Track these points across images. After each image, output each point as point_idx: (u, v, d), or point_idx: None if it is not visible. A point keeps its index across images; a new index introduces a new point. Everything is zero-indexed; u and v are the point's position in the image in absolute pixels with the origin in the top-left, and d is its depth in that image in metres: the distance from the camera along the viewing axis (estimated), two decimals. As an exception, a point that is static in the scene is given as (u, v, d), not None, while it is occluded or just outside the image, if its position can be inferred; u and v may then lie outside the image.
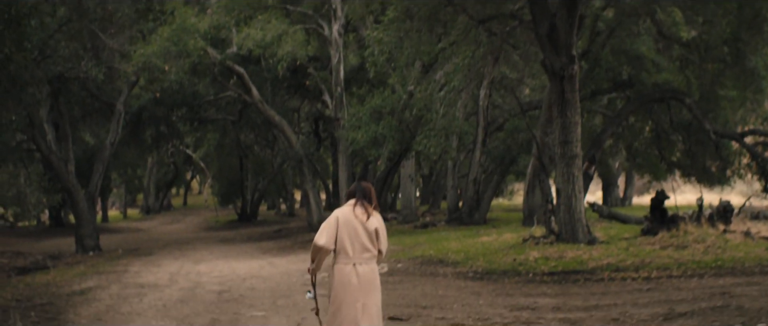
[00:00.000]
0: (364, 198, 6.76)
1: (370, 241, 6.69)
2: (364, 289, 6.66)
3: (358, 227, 6.63)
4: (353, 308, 6.58)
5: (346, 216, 6.66)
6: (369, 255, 6.71)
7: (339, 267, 6.66)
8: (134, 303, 11.66)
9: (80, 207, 26.24)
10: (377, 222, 6.76)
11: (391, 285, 13.17)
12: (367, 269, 6.69)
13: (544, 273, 13.80)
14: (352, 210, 6.69)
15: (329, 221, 6.69)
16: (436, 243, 19.45)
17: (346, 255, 6.63)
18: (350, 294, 6.59)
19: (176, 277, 15.97)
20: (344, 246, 6.61)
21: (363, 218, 6.66)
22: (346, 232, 6.61)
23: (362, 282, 6.63)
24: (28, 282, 15.69)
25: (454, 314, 10.04)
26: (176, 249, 26.00)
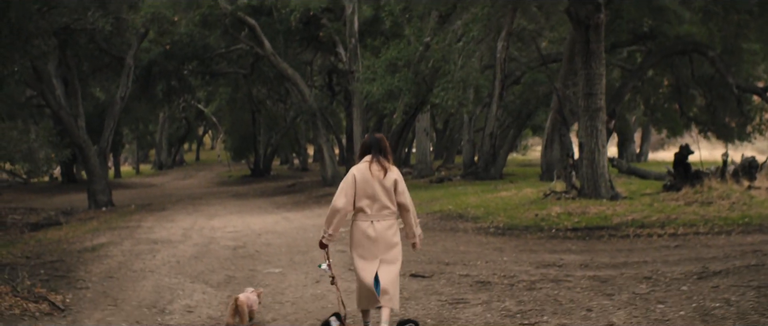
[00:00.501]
0: (379, 153, 6.59)
1: (389, 198, 6.55)
2: (382, 245, 6.56)
3: (376, 185, 6.49)
4: (371, 263, 6.51)
5: (363, 175, 6.51)
6: (388, 212, 6.57)
7: (357, 224, 6.57)
8: (147, 259, 11.31)
9: (92, 163, 25.96)
10: (395, 176, 6.61)
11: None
12: (385, 225, 6.56)
13: (568, 229, 13.39)
14: (369, 167, 6.53)
15: (347, 181, 6.55)
16: (454, 197, 19.04)
17: (364, 214, 6.52)
18: (367, 248, 6.52)
19: (190, 233, 15.65)
20: (362, 205, 6.50)
21: (380, 175, 6.50)
22: (363, 192, 6.48)
23: (380, 237, 6.52)
24: (39, 239, 15.41)
25: (479, 271, 9.63)
26: (189, 205, 25.74)
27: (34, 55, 17.40)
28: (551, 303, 7.69)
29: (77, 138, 25.42)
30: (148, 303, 8.20)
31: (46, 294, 8.10)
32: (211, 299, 8.42)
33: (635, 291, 8.12)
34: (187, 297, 8.47)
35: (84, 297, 8.45)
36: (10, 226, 24.17)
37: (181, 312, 7.77)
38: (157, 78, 32.14)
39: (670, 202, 15.54)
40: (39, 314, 7.49)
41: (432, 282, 9.05)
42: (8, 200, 31.77)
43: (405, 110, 25.26)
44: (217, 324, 7.35)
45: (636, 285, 8.47)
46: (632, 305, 7.48)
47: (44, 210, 27.11)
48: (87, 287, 8.98)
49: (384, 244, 6.57)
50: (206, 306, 8.05)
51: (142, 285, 9.19)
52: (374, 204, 6.48)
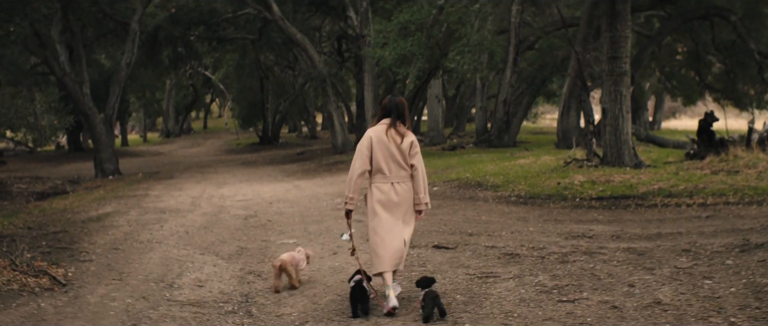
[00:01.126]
0: (398, 118, 6.51)
1: (405, 162, 6.53)
2: (405, 206, 6.56)
3: (393, 148, 6.44)
4: (396, 225, 6.49)
5: (380, 137, 6.45)
6: (405, 174, 6.56)
7: (377, 186, 6.51)
8: (154, 229, 10.80)
9: (98, 131, 25.45)
10: (411, 139, 6.57)
11: (430, 210, 12.20)
12: (405, 187, 6.56)
13: (592, 198, 12.81)
14: (386, 130, 6.46)
15: (363, 143, 6.51)
16: (470, 165, 18.47)
17: (382, 175, 6.49)
18: (392, 211, 6.48)
19: (199, 201, 15.15)
20: (380, 166, 6.45)
21: (397, 139, 6.45)
22: (380, 154, 6.43)
23: (402, 200, 6.52)
24: (43, 208, 14.94)
25: (505, 242, 9.08)
26: (198, 173, 25.26)
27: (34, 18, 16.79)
28: (588, 278, 7.13)
29: (82, 105, 24.89)
30: (156, 276, 7.68)
31: (47, 267, 7.58)
32: (222, 272, 7.89)
33: (676, 265, 7.55)
34: (196, 270, 7.94)
35: (87, 270, 7.93)
36: (16, 196, 23.75)
37: (191, 287, 7.24)
38: (163, 44, 31.54)
39: (696, 171, 14.96)
40: (39, 289, 6.98)
41: (457, 254, 8.50)
42: (14, 169, 31.37)
43: (418, 76, 24.61)
44: (230, 299, 6.83)
45: (675, 258, 7.90)
46: (676, 280, 6.92)
47: (50, 179, 26.68)
48: (90, 260, 8.46)
49: (406, 207, 6.56)
50: (217, 280, 7.52)
51: (149, 257, 8.67)
52: (391, 165, 6.45)
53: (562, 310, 6.12)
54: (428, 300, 6.03)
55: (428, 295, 6.08)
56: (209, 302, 6.72)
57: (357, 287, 6.27)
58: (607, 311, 6.05)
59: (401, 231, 6.51)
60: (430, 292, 6.11)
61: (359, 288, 6.27)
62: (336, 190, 15.74)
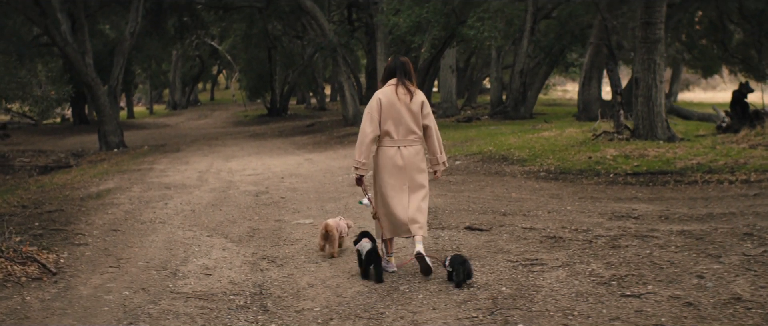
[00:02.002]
0: (404, 76, 6.32)
1: (415, 123, 6.29)
2: (410, 171, 6.31)
3: (402, 109, 6.22)
4: (400, 191, 6.27)
5: (389, 98, 6.23)
6: (414, 137, 6.33)
7: (383, 150, 6.30)
8: (158, 207, 9.97)
9: (101, 103, 24.62)
10: (421, 99, 6.35)
11: (455, 185, 11.36)
12: (412, 151, 6.32)
13: (627, 174, 11.94)
14: (395, 91, 6.25)
15: (371, 105, 6.27)
16: (491, 138, 17.57)
17: (390, 139, 6.27)
18: (396, 176, 6.28)
19: (206, 176, 14.32)
20: (388, 129, 6.23)
21: (406, 99, 6.23)
22: (389, 116, 6.21)
23: (407, 163, 6.27)
24: (42, 184, 14.12)
25: (543, 223, 8.22)
26: (205, 145, 24.43)
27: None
28: (649, 267, 6.25)
29: (85, 76, 24.03)
30: (158, 263, 6.83)
31: (37, 253, 6.73)
32: (232, 257, 7.03)
33: (744, 251, 6.67)
34: (203, 255, 7.10)
35: (82, 256, 7.08)
36: (19, 169, 23.02)
37: (197, 275, 6.39)
38: (168, 12, 30.62)
39: (732, 145, 14.08)
40: (25, 279, 6.13)
41: (492, 236, 7.63)
42: (18, 142, 30.62)
43: (433, 44, 23.65)
44: (241, 291, 5.99)
45: (739, 243, 7.02)
46: (750, 270, 6.04)
47: (54, 153, 25.94)
48: (86, 243, 7.61)
49: (412, 171, 6.31)
50: (227, 267, 6.66)
51: (151, 240, 7.82)
52: (400, 128, 6.23)
53: (629, 307, 5.25)
54: (457, 265, 5.81)
55: (456, 260, 5.85)
56: (218, 294, 5.87)
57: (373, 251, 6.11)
58: (682, 309, 5.18)
59: (405, 197, 6.26)
60: (457, 257, 5.89)
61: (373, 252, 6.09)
62: (350, 164, 14.81)
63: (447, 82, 32.30)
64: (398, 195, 6.25)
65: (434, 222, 8.38)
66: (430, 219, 8.58)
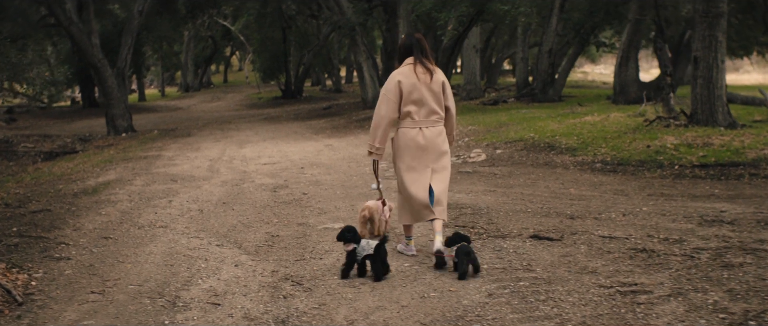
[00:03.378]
0: (421, 54, 5.92)
1: (437, 103, 5.92)
2: (433, 153, 5.93)
3: (423, 89, 5.84)
4: (423, 174, 5.91)
5: (409, 79, 5.85)
6: (436, 117, 5.94)
7: (404, 131, 5.94)
8: (160, 206, 8.57)
9: (109, 85, 23.28)
10: (442, 78, 5.96)
11: (502, 179, 9.90)
12: (434, 131, 5.92)
13: (694, 166, 10.49)
14: (414, 70, 5.86)
15: (389, 87, 5.88)
16: (527, 123, 16.07)
17: (411, 120, 5.89)
18: (418, 159, 5.91)
19: (217, 165, 12.95)
20: (409, 111, 5.86)
21: (426, 78, 5.85)
22: (410, 97, 5.83)
23: (430, 145, 5.89)
24: (38, 175, 12.79)
25: (623, 229, 6.77)
26: (217, 130, 23.10)
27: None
28: (787, 296, 4.82)
29: (92, 57, 22.70)
30: (153, 286, 5.40)
31: (4, 272, 5.36)
32: (247, 277, 5.60)
33: None
34: (211, 274, 5.68)
35: (60, 275, 5.68)
36: (22, 156, 21.78)
37: (202, 305, 4.94)
38: (178, -11, 29.19)
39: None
40: (-19, 311, 4.76)
41: (567, 248, 6.18)
42: (24, 126, 29.39)
43: (459, 21, 22.12)
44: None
45: None
46: None
47: (60, 137, 24.69)
48: (68, 257, 6.18)
49: (435, 153, 5.94)
50: (240, 292, 5.20)
51: (148, 251, 6.40)
52: (422, 109, 5.86)
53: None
54: (462, 256, 5.40)
55: (461, 250, 5.44)
56: (229, 335, 4.48)
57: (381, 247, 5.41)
58: None
59: (427, 180, 5.89)
60: (463, 247, 5.47)
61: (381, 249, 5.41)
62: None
63: (470, 63, 30.77)
64: (421, 178, 5.89)
65: (490, 227, 6.95)
66: (483, 222, 7.17)
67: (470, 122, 17.96)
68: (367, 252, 5.42)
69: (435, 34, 32.51)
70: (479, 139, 14.15)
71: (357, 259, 5.46)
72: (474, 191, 8.86)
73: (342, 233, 5.51)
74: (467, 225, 7.00)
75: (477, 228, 6.91)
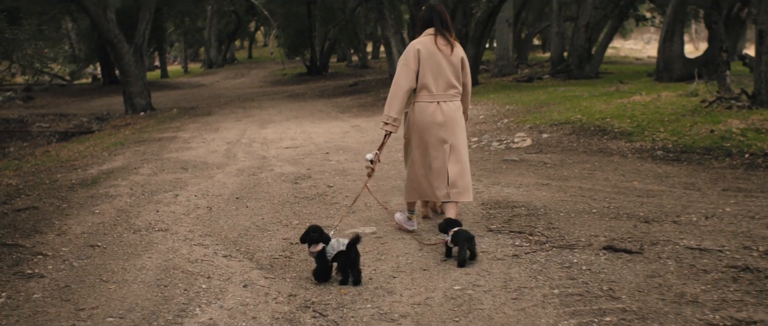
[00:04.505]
0: (442, 26, 5.63)
1: (455, 76, 5.65)
2: (450, 128, 5.64)
3: (442, 61, 5.57)
4: (440, 150, 5.64)
5: (428, 49, 5.58)
6: (454, 91, 5.69)
7: (420, 105, 5.66)
8: (164, 202, 7.47)
9: (126, 62, 22.27)
10: (462, 53, 5.72)
11: (554, 169, 8.69)
12: (452, 106, 5.65)
13: (767, 154, 9.21)
14: (434, 41, 5.59)
15: (407, 55, 5.61)
16: (570, 103, 14.81)
17: (428, 93, 5.62)
18: (435, 134, 5.62)
19: (234, 150, 11.89)
20: (427, 82, 5.59)
21: (447, 50, 5.59)
22: (428, 67, 5.56)
23: (448, 120, 5.60)
24: (39, 162, 11.78)
25: (713, 239, 5.57)
26: (239, 107, 22.07)
27: None
28: None
29: (107, 33, 21.68)
30: (137, 320, 4.20)
31: (-43, 295, 4.31)
32: (257, 303, 4.44)
33: None
34: (214, 299, 4.54)
35: (27, 299, 4.57)
36: (37, 136, 20.93)
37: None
38: (199, -38, 28.06)
39: None
40: None
41: (652, 265, 5.00)
42: (41, 105, 28.54)
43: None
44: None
45: None
46: None
47: (77, 116, 23.79)
48: (42, 274, 5.06)
49: (454, 128, 5.68)
50: (251, 326, 4.15)
51: (140, 266, 5.26)
52: (440, 81, 5.62)
53: None
54: (462, 241, 5.05)
55: (460, 235, 5.10)
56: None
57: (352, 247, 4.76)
58: None
59: (446, 157, 5.64)
60: (461, 232, 5.13)
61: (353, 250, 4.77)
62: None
63: (503, 38, 29.41)
64: (439, 156, 5.62)
65: (552, 233, 5.79)
66: (543, 226, 6.02)
67: (507, 101, 16.74)
68: (339, 250, 4.79)
69: (465, 8, 31.18)
70: (520, 120, 12.94)
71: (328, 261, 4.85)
72: (525, 185, 7.70)
73: (306, 233, 4.89)
74: (524, 231, 5.85)
75: (536, 234, 5.77)
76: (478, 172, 8.35)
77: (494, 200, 6.91)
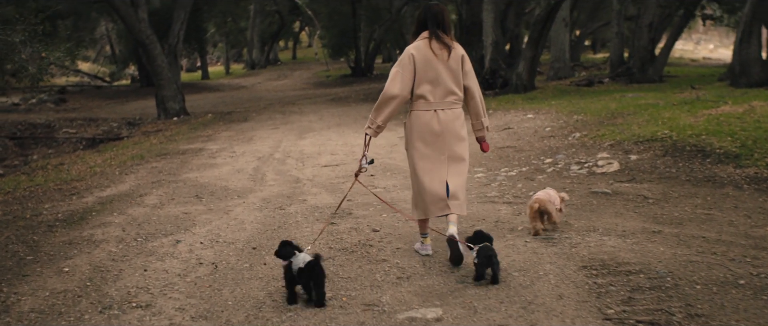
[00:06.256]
0: (437, 27, 5.20)
1: (455, 82, 5.21)
2: (449, 138, 5.23)
3: (439, 66, 5.15)
4: (438, 162, 5.24)
5: (423, 55, 5.16)
6: (454, 98, 5.23)
7: (417, 113, 5.25)
8: (154, 258, 5.56)
9: (158, 64, 20.92)
10: (461, 53, 5.23)
11: (658, 206, 6.77)
12: (450, 114, 5.22)
13: None
14: (429, 45, 5.17)
15: (402, 62, 5.20)
16: (649, 113, 12.86)
17: (425, 101, 5.21)
18: (433, 146, 5.24)
19: (264, 169, 10.29)
20: (423, 91, 5.18)
21: (443, 54, 5.16)
22: (424, 74, 5.17)
23: (446, 129, 5.20)
24: (40, 182, 10.29)
25: None
26: (278, 112, 20.58)
27: None
28: None
29: (139, 33, 20.36)
30: None
31: None
32: None
33: None
34: None
35: None
36: (62, 143, 19.70)
37: None
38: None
39: None
40: None
41: None
42: (73, 108, 27.40)
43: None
44: None
45: None
46: None
47: (107, 121, 22.53)
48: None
49: (451, 139, 5.24)
50: None
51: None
52: (437, 89, 5.19)
53: None
54: (482, 258, 4.70)
55: (482, 252, 4.72)
56: None
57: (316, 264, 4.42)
58: None
59: (444, 170, 5.22)
60: (485, 248, 4.74)
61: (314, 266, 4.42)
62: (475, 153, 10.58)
63: (559, 38, 27.45)
64: (436, 168, 5.22)
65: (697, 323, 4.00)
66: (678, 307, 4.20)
67: (572, 109, 14.89)
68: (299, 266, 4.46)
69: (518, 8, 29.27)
70: (595, 135, 11.08)
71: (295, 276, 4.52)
72: (630, 232, 5.87)
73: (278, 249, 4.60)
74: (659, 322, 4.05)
75: (674, 323, 3.97)
76: (565, 210, 6.58)
77: (598, 259, 5.13)
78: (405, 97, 5.20)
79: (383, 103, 5.20)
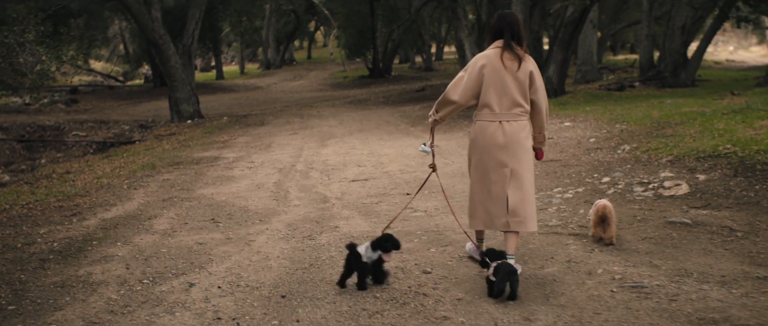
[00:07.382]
0: (513, 38, 4.99)
1: (522, 95, 5.02)
2: (513, 151, 5.04)
3: (508, 78, 4.97)
4: (500, 174, 5.05)
5: (493, 64, 4.97)
6: (520, 110, 5.05)
7: (481, 124, 5.09)
8: (161, 309, 4.42)
9: (171, 65, 20.07)
10: (531, 68, 5.02)
11: (751, 243, 5.69)
12: (516, 126, 5.04)
13: None
14: (500, 55, 4.96)
15: (470, 70, 5.03)
16: (700, 123, 11.86)
17: (491, 112, 5.03)
18: (496, 157, 5.06)
19: (287, 183, 9.39)
20: (489, 101, 5.00)
21: (513, 66, 4.97)
22: (492, 84, 4.97)
23: (510, 142, 5.02)
24: (41, 196, 9.39)
25: None
26: (296, 116, 19.71)
27: None
28: None
29: (151, 33, 19.52)
30: None
31: None
32: None
33: None
34: None
35: None
36: (72, 146, 18.89)
37: None
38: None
39: None
40: None
41: None
42: (84, 109, 26.60)
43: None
44: None
45: None
46: None
47: (118, 124, 21.71)
48: None
49: (516, 151, 5.05)
50: None
51: None
52: (504, 100, 5.00)
53: None
54: (503, 274, 4.59)
55: (504, 268, 4.62)
56: None
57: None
58: None
59: (506, 183, 5.02)
60: (504, 265, 4.65)
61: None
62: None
63: (587, 40, 26.46)
64: (499, 181, 5.03)
65: None
66: None
67: (611, 116, 13.92)
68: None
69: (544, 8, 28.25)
70: (646, 147, 10.10)
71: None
72: (731, 280, 4.85)
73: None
74: None
75: None
76: (642, 245, 5.61)
77: (706, 317, 4.16)
78: (463, 105, 5.11)
79: (443, 103, 5.19)
